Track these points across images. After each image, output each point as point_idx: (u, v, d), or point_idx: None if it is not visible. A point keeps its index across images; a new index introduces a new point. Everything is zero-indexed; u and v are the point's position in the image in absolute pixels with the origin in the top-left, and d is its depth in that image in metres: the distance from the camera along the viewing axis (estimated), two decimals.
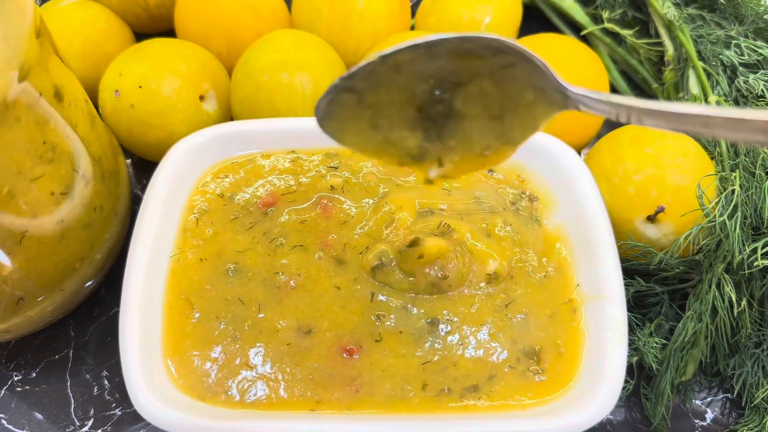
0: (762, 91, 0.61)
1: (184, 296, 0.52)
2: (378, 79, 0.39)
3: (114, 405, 0.57)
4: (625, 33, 0.73)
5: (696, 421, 0.57)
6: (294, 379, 0.49)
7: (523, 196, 0.58)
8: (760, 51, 0.65)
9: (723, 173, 0.57)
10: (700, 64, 0.66)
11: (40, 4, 0.74)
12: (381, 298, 0.52)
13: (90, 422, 0.56)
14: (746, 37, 0.68)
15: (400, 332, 0.50)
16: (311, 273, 0.53)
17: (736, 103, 0.64)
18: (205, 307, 0.51)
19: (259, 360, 0.49)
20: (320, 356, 0.50)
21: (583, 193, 0.55)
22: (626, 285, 0.54)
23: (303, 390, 0.48)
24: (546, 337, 0.51)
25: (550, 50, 0.64)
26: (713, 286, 0.53)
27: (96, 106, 0.60)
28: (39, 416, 0.57)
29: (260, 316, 0.51)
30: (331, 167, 0.58)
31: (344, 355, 0.50)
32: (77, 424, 0.56)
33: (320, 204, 0.56)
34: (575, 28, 0.78)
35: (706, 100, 0.64)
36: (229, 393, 0.48)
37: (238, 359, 0.49)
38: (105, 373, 0.58)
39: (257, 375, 0.49)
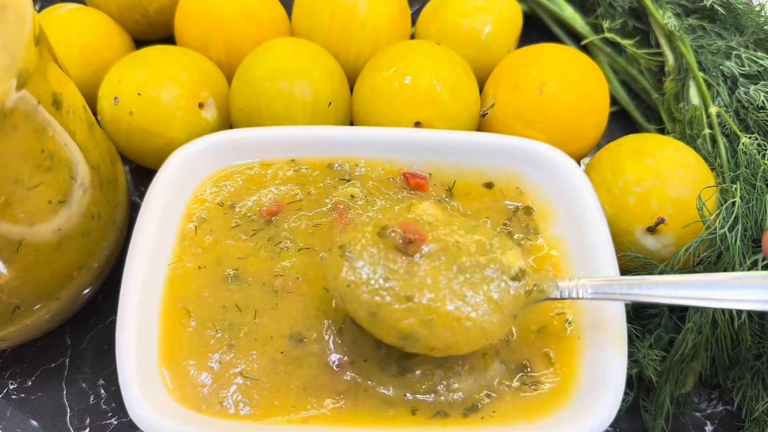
0: (763, 102, 0.61)
1: (181, 305, 0.51)
2: None
3: (110, 414, 0.56)
4: (626, 43, 0.73)
5: None
6: (288, 389, 0.48)
7: (518, 210, 0.57)
8: (760, 62, 0.65)
9: (723, 185, 0.57)
10: (700, 74, 0.66)
11: (39, 11, 0.74)
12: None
13: (86, 431, 0.56)
14: (747, 47, 0.68)
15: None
16: (309, 275, 0.53)
17: (737, 114, 0.64)
18: (201, 315, 0.51)
19: (253, 369, 0.49)
20: (310, 366, 0.49)
21: (583, 203, 0.55)
22: None
23: (296, 401, 0.48)
24: (539, 350, 0.51)
25: (550, 60, 0.64)
26: None
27: (94, 113, 0.60)
28: (34, 424, 0.56)
29: (255, 322, 0.51)
30: (342, 180, 0.58)
31: (335, 368, 0.49)
32: None
33: (336, 209, 0.56)
34: (575, 37, 0.78)
35: (706, 111, 0.64)
36: (224, 404, 0.47)
37: (233, 369, 0.49)
38: (101, 381, 0.58)
39: (251, 385, 0.48)
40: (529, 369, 0.50)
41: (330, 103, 0.63)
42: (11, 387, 0.58)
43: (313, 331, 0.50)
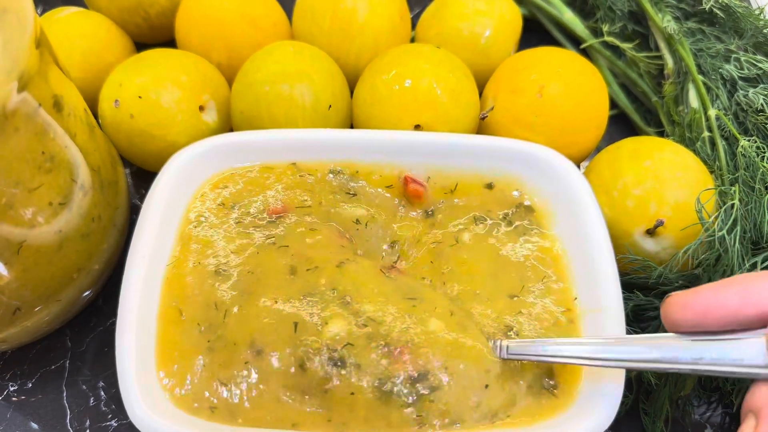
0: (762, 105, 0.62)
1: (175, 304, 0.51)
2: None
3: (110, 416, 0.57)
4: (625, 46, 0.73)
5: None
6: (272, 394, 0.48)
7: (520, 207, 0.58)
8: (759, 65, 0.65)
9: (722, 187, 0.57)
10: (699, 77, 0.66)
11: (41, 14, 0.74)
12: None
13: None
14: (746, 51, 0.68)
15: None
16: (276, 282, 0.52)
17: (736, 117, 0.64)
18: (190, 315, 0.51)
19: (236, 373, 0.48)
20: (297, 376, 0.48)
21: (582, 206, 0.55)
22: (625, 299, 0.54)
23: (285, 406, 0.47)
24: None
25: (550, 63, 0.64)
26: None
27: (95, 116, 0.60)
28: (34, 426, 0.56)
29: (225, 321, 0.50)
30: (348, 194, 0.58)
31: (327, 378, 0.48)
32: None
33: (328, 221, 0.56)
34: (575, 41, 0.79)
35: (705, 114, 0.64)
36: (215, 407, 0.47)
37: (222, 371, 0.49)
38: (101, 383, 0.58)
39: (232, 390, 0.48)
40: (554, 373, 0.50)
41: (330, 106, 0.63)
42: (11, 389, 0.58)
43: (268, 346, 0.49)
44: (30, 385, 0.58)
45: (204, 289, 0.52)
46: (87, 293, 0.57)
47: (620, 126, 0.75)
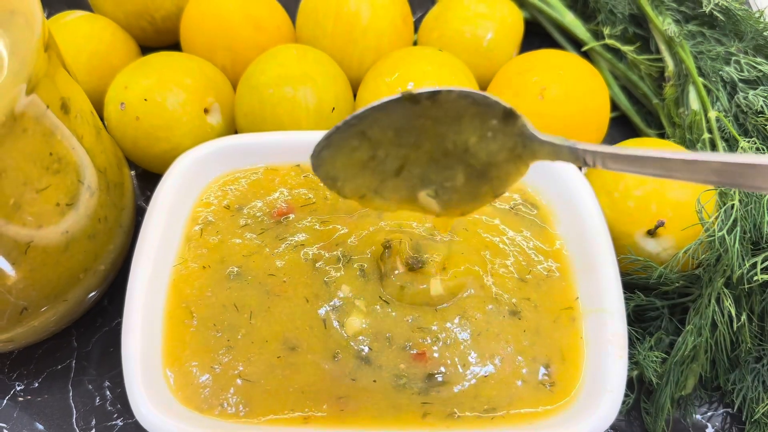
0: (761, 107, 0.62)
1: (185, 305, 0.52)
2: (380, 120, 0.45)
3: (116, 416, 0.57)
4: (626, 49, 0.73)
5: None
6: (286, 392, 0.49)
7: (525, 203, 0.58)
8: (759, 67, 0.65)
9: (722, 188, 0.58)
10: (700, 80, 0.66)
11: (48, 18, 0.75)
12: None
13: None
14: (746, 53, 0.68)
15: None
16: (294, 277, 0.53)
17: (736, 118, 0.64)
18: (203, 315, 0.51)
19: (251, 371, 0.49)
20: (308, 373, 0.49)
21: (583, 206, 0.55)
22: (626, 299, 0.55)
23: (294, 404, 0.48)
24: (550, 348, 0.51)
25: (551, 66, 0.65)
26: (713, 301, 0.54)
27: (101, 118, 0.61)
28: (40, 426, 0.57)
29: (252, 322, 0.51)
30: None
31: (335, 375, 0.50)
32: None
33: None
34: (576, 44, 0.79)
35: (706, 116, 0.65)
36: (225, 405, 0.48)
37: (232, 370, 0.49)
38: (107, 383, 0.59)
39: (250, 387, 0.49)
40: (549, 366, 0.50)
41: (333, 108, 0.63)
42: (18, 388, 0.58)
43: (304, 341, 0.51)
44: (36, 384, 0.59)
45: (219, 291, 0.52)
46: (93, 294, 0.57)
47: (621, 128, 0.76)
